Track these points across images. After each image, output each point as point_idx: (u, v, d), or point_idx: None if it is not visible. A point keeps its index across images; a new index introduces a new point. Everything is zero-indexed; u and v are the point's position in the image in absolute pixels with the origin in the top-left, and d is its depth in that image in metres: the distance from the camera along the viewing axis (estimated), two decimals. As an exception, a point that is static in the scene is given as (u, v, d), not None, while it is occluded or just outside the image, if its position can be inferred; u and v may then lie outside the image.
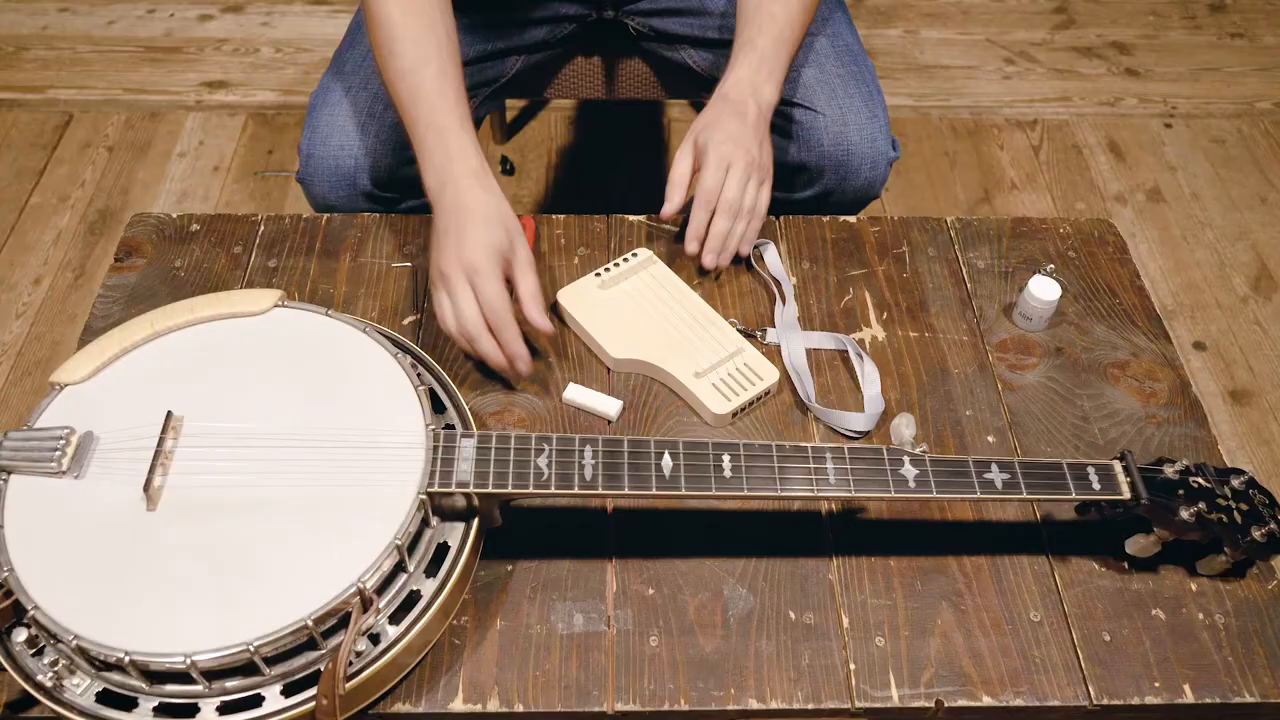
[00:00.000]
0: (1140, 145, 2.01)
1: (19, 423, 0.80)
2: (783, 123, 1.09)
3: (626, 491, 0.71)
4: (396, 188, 1.07)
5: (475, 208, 0.84)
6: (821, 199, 1.11)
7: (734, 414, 0.86)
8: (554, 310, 0.94)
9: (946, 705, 0.71)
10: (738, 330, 0.91)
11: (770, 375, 0.87)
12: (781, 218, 1.04)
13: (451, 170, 0.85)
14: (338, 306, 0.94)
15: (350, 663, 0.66)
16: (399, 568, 0.69)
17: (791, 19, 0.97)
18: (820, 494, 0.72)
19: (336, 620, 0.66)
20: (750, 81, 0.94)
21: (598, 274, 0.95)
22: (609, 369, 0.90)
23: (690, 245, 0.93)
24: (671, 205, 0.92)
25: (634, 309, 0.93)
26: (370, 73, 1.05)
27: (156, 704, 0.65)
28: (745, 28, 0.97)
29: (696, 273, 0.97)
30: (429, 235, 0.89)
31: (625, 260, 0.96)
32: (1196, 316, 1.72)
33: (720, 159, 0.90)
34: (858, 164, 1.07)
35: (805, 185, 1.11)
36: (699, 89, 1.22)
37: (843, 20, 1.16)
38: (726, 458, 0.73)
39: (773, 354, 0.91)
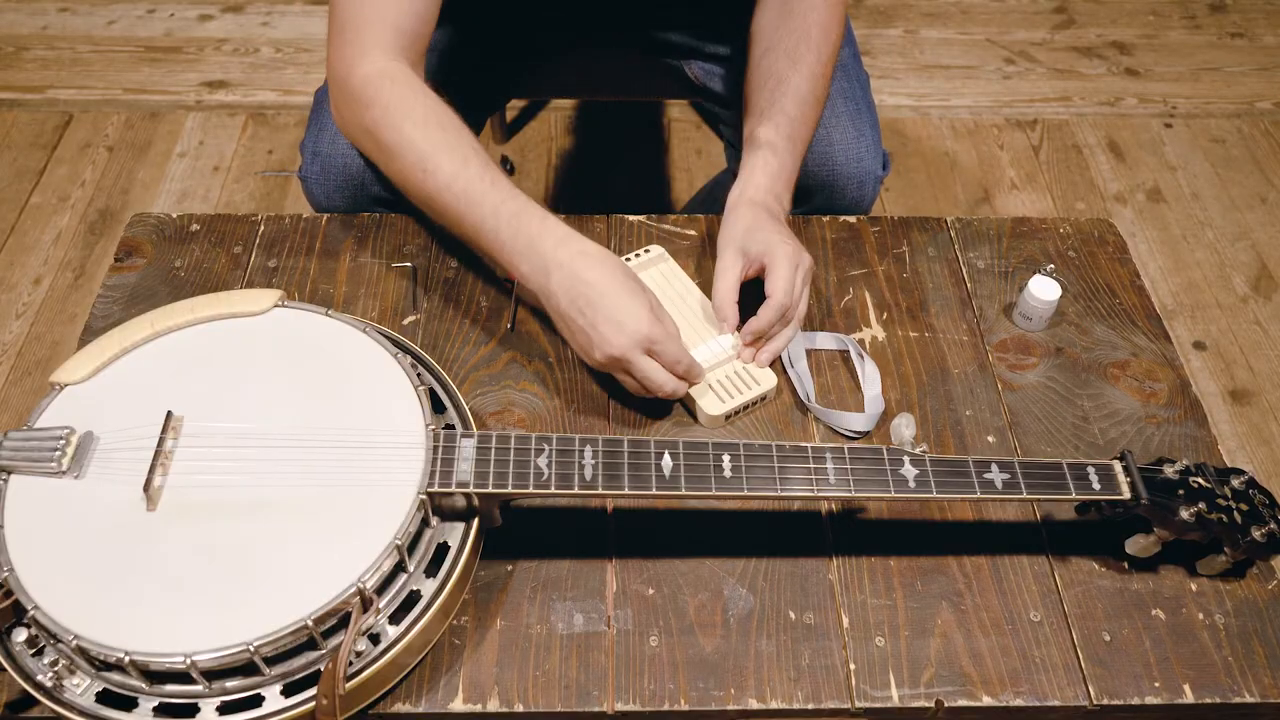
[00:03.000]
0: (1140, 145, 2.01)
1: (19, 423, 0.80)
2: None
3: (626, 491, 0.71)
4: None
5: (605, 283, 0.80)
6: (807, 211, 1.10)
7: (727, 416, 0.86)
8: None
9: (946, 705, 0.71)
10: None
11: (768, 381, 0.87)
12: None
13: (545, 247, 0.82)
14: (338, 306, 0.94)
15: (350, 663, 0.66)
16: (399, 568, 0.69)
17: (804, 116, 0.95)
18: (820, 494, 0.72)
19: (336, 620, 0.66)
20: (772, 189, 0.93)
21: None
22: None
23: (747, 340, 0.88)
24: (732, 326, 0.88)
25: None
26: None
27: (156, 704, 0.65)
28: (761, 124, 0.94)
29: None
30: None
31: (638, 255, 0.97)
32: (1196, 316, 1.72)
33: (790, 263, 0.86)
34: (843, 185, 1.06)
35: (796, 203, 1.10)
36: (700, 98, 1.22)
37: None
38: (726, 458, 0.73)
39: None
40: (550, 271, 0.81)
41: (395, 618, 0.69)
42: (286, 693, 0.66)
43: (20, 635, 0.66)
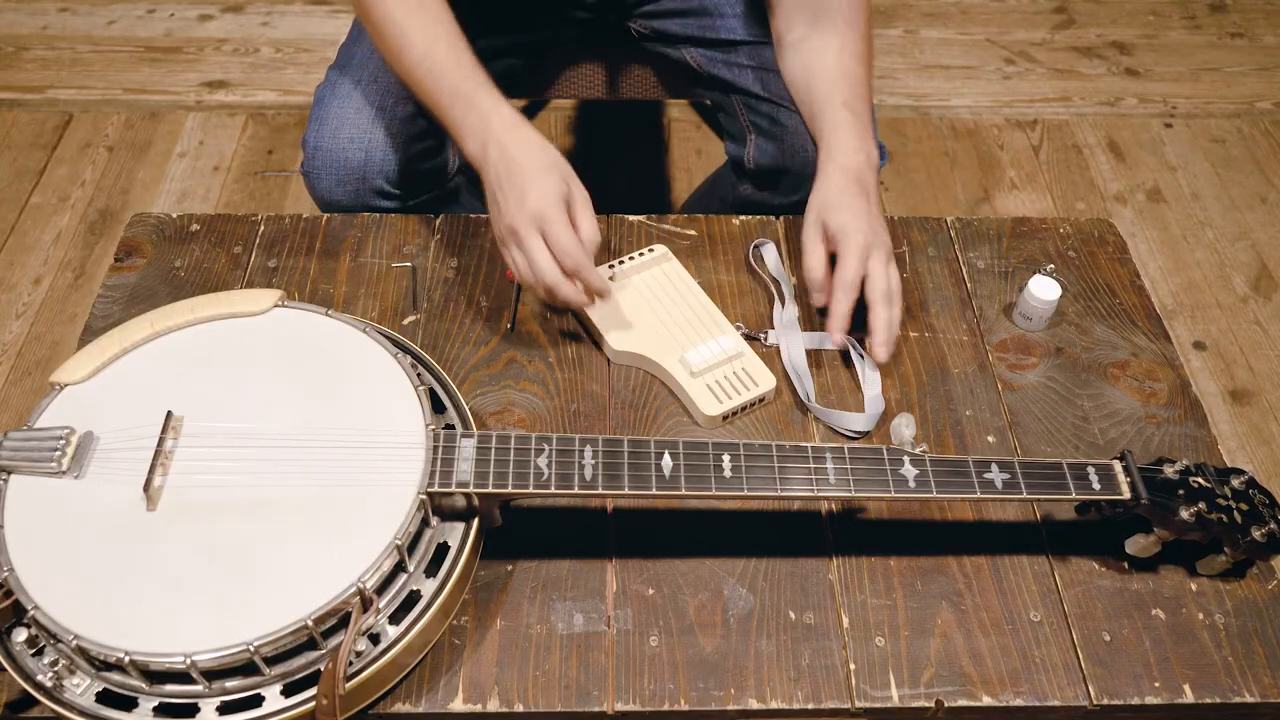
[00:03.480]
0: (1140, 145, 2.01)
1: (19, 423, 0.80)
2: (767, 124, 1.09)
3: (626, 491, 0.71)
4: (406, 184, 1.06)
5: (526, 159, 0.85)
6: (805, 203, 1.10)
7: (724, 417, 0.86)
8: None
9: (946, 705, 0.71)
10: (742, 334, 0.91)
11: (766, 382, 0.87)
12: (781, 218, 1.04)
13: (490, 128, 0.87)
14: (338, 306, 0.94)
15: (350, 663, 0.66)
16: (399, 568, 0.69)
17: (867, 77, 0.98)
18: (820, 494, 0.72)
19: (336, 620, 0.66)
20: (862, 148, 0.94)
21: (610, 266, 0.95)
22: (609, 361, 0.91)
23: (837, 337, 0.88)
24: (820, 300, 0.89)
25: (641, 304, 0.93)
26: (380, 67, 1.05)
27: (156, 704, 0.65)
28: (834, 91, 0.96)
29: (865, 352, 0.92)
30: (483, 202, 0.90)
31: (640, 255, 0.97)
32: (1196, 316, 1.72)
33: (860, 249, 0.87)
34: None
35: (790, 190, 1.10)
36: (699, 87, 1.22)
37: None
38: (726, 458, 0.73)
39: (773, 357, 0.91)
40: (488, 146, 0.86)
41: (395, 618, 0.69)
42: (286, 693, 0.66)
43: (20, 635, 0.66)
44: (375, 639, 0.68)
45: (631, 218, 1.04)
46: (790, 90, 1.04)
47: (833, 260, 0.89)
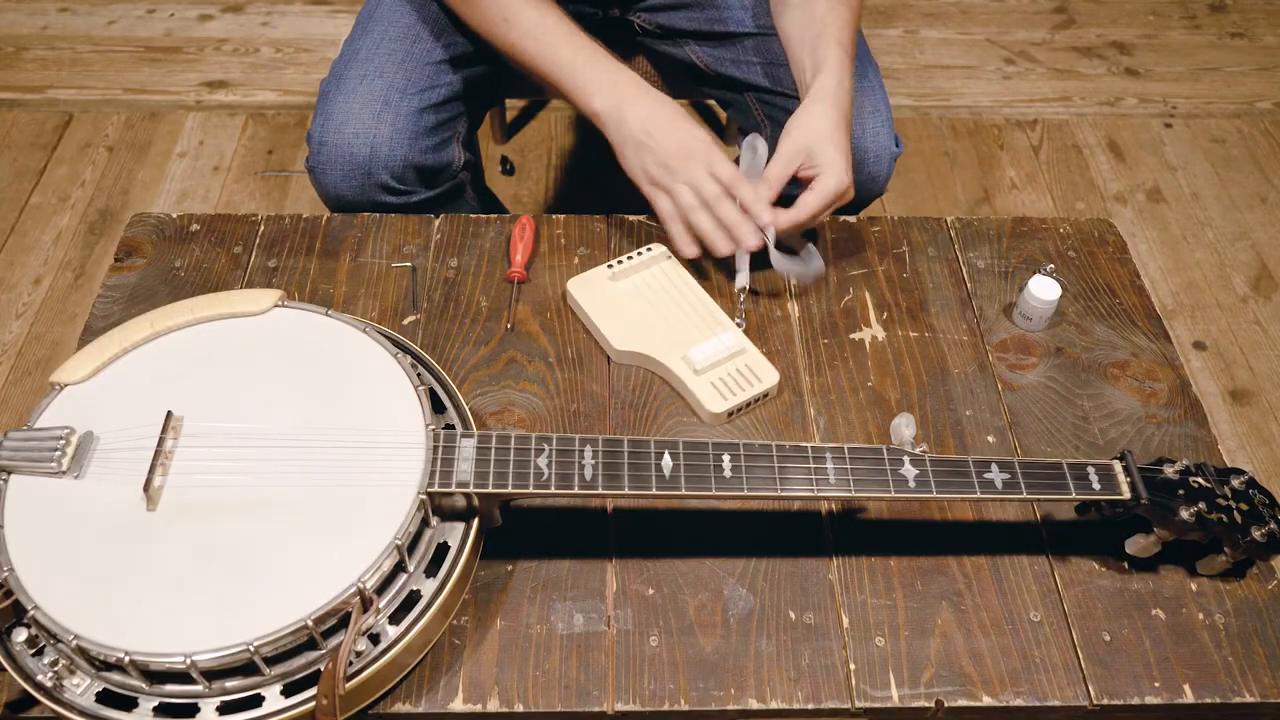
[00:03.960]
0: (1140, 145, 2.01)
1: (19, 423, 0.80)
2: (783, 117, 1.09)
3: (626, 491, 0.71)
4: (411, 179, 1.06)
5: (673, 109, 0.93)
6: None
7: (730, 414, 0.86)
8: (563, 299, 0.95)
9: (946, 705, 0.71)
10: (743, 330, 0.92)
11: (770, 378, 0.87)
12: (781, 218, 1.04)
13: (620, 87, 0.95)
14: (338, 306, 0.94)
15: (350, 663, 0.66)
16: (399, 568, 0.69)
17: (855, 22, 1.04)
18: (820, 494, 0.72)
19: (336, 620, 0.66)
20: (850, 87, 0.98)
21: (610, 265, 0.95)
22: (610, 360, 0.91)
23: (770, 240, 0.93)
24: (771, 195, 0.92)
25: (642, 302, 0.93)
26: (387, 61, 1.05)
27: (156, 704, 0.65)
28: (826, 30, 0.99)
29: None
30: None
31: (639, 254, 0.97)
32: (1196, 316, 1.72)
33: (835, 193, 0.92)
34: (860, 158, 1.06)
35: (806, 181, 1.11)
36: (703, 85, 1.22)
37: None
38: (726, 458, 0.73)
39: (773, 355, 0.91)
40: (624, 104, 0.94)
41: (395, 618, 0.69)
42: (286, 693, 0.66)
43: (20, 635, 0.66)
44: (375, 639, 0.68)
45: (631, 217, 1.04)
46: (784, 39, 1.07)
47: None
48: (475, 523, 0.73)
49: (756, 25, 1.12)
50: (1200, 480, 0.76)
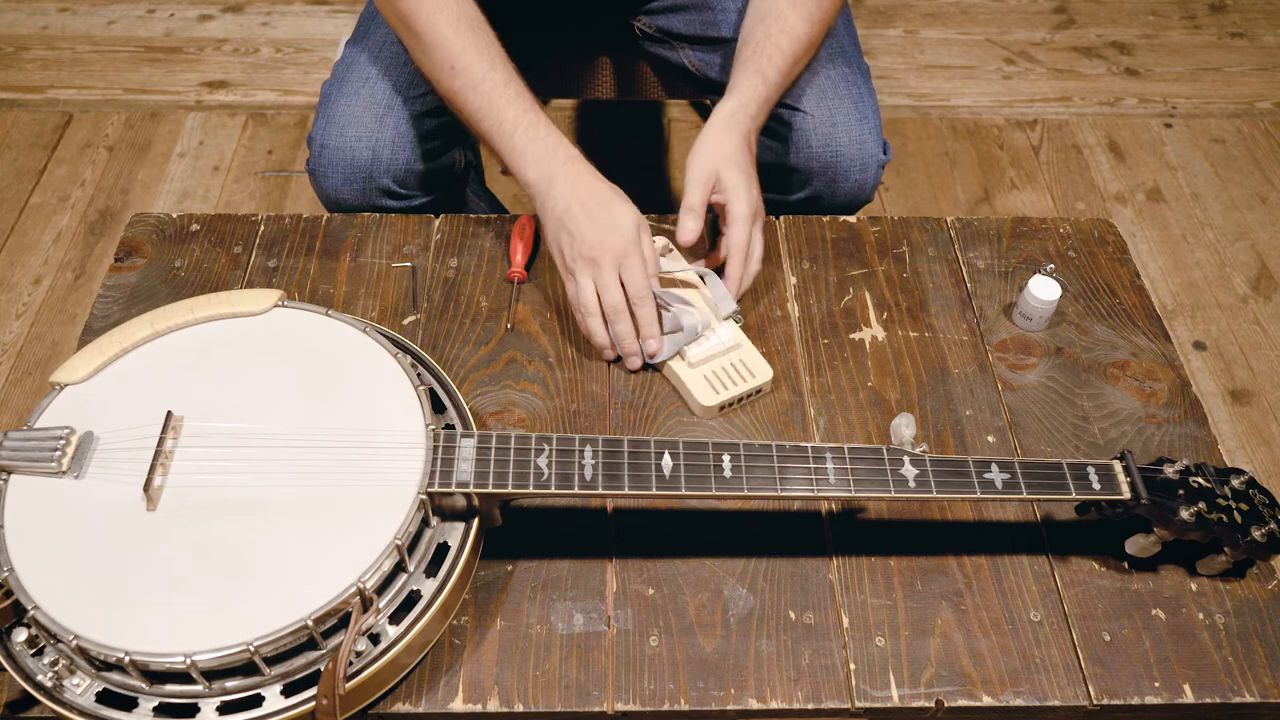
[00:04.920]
0: (1140, 145, 2.01)
1: (19, 423, 0.80)
2: (773, 124, 1.09)
3: (626, 491, 0.71)
4: (412, 184, 1.06)
5: (602, 192, 0.89)
6: (812, 201, 1.10)
7: (721, 407, 0.86)
8: (563, 297, 0.95)
9: (946, 705, 0.71)
10: (740, 326, 0.92)
11: (764, 374, 0.87)
12: (782, 218, 1.04)
13: (556, 161, 0.91)
14: (338, 306, 0.94)
15: (350, 663, 0.66)
16: (399, 568, 0.69)
17: (798, 56, 0.99)
18: (820, 494, 0.72)
19: (336, 620, 0.66)
20: (759, 114, 0.96)
21: None
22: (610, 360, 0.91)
23: (732, 303, 0.92)
24: (693, 233, 0.91)
25: None
26: (390, 64, 1.04)
27: (156, 704, 0.65)
28: (754, 56, 0.97)
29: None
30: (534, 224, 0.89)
31: None
32: (1196, 316, 1.72)
33: (750, 218, 0.91)
34: (846, 166, 1.06)
35: (798, 187, 1.10)
36: (697, 90, 1.22)
37: (839, 19, 1.16)
38: (726, 458, 0.73)
39: (773, 355, 0.91)
40: (555, 180, 0.90)
41: (395, 618, 0.69)
42: (286, 693, 0.66)
43: (20, 635, 0.66)
44: (375, 639, 0.68)
45: (631, 218, 1.03)
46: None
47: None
48: (475, 523, 0.73)
49: None
50: (1200, 480, 0.76)
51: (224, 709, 0.65)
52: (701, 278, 0.94)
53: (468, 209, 1.21)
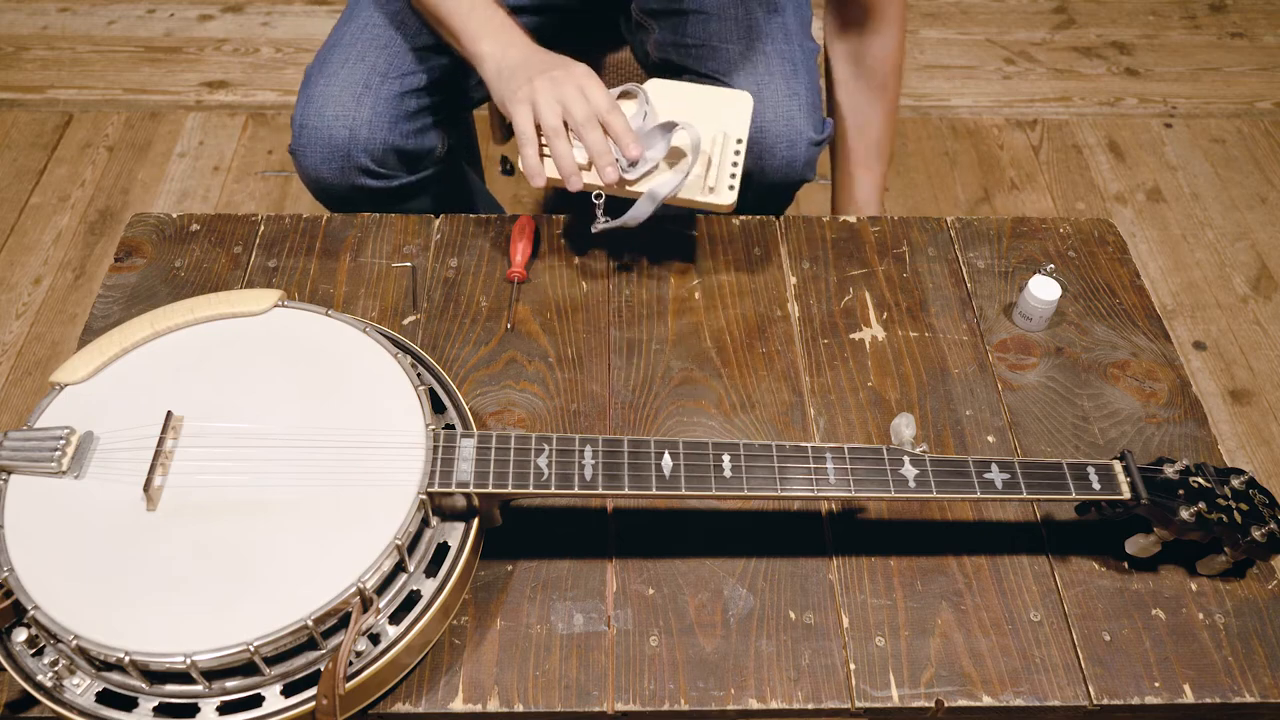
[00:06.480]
0: (1140, 145, 2.01)
1: (19, 423, 0.80)
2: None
3: (626, 491, 0.71)
4: (391, 163, 1.06)
5: (556, 56, 0.91)
6: (745, 179, 1.09)
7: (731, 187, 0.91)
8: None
9: (946, 705, 0.71)
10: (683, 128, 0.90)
11: (738, 130, 0.92)
12: (781, 218, 1.04)
13: (513, 37, 0.93)
14: (338, 306, 0.94)
15: (350, 663, 0.66)
16: (399, 568, 0.69)
17: (888, 136, 1.20)
18: (820, 494, 0.72)
19: (336, 620, 0.66)
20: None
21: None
22: (609, 359, 0.90)
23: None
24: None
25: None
26: (368, 46, 1.05)
27: (156, 704, 0.65)
28: (855, 151, 1.19)
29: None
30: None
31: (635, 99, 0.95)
32: (1196, 316, 1.72)
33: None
34: (772, 143, 1.05)
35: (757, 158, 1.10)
36: (653, 73, 1.22)
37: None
38: (726, 458, 0.73)
39: (773, 355, 0.91)
40: (510, 48, 0.92)
41: (395, 618, 0.69)
42: (286, 693, 0.66)
43: (20, 635, 0.66)
44: (375, 639, 0.68)
45: (631, 218, 1.03)
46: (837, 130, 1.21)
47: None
48: (475, 523, 0.73)
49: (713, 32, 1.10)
50: (1200, 480, 0.76)
51: (224, 709, 0.65)
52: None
53: (452, 194, 1.21)
